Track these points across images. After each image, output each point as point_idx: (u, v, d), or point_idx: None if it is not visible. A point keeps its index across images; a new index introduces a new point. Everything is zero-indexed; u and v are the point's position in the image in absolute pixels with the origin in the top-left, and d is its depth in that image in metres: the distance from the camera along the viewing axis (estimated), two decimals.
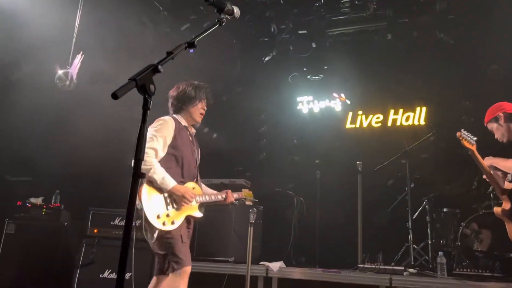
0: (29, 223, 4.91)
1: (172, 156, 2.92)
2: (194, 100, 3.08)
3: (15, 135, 5.33)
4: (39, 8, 4.91)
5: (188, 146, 3.03)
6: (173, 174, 2.85)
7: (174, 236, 2.79)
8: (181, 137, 2.98)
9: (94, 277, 4.42)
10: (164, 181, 2.77)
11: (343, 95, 6.25)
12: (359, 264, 4.42)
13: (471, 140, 3.33)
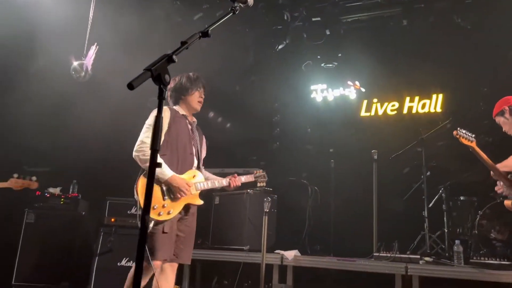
0: (48, 212, 5.02)
1: (168, 143, 3.00)
2: (190, 89, 3.19)
3: (32, 126, 5.41)
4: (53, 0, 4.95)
5: (185, 134, 3.11)
6: (168, 161, 2.94)
7: (160, 227, 2.86)
8: (176, 125, 3.07)
9: (112, 265, 4.50)
10: (162, 171, 2.84)
11: (357, 82, 6.18)
12: (374, 252, 4.41)
13: (469, 137, 3.34)
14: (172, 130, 3.03)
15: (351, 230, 5.19)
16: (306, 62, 6.38)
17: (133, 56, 5.17)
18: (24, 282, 4.78)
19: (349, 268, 4.23)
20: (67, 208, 5.09)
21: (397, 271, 3.98)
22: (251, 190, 4.86)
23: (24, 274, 4.77)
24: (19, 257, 4.79)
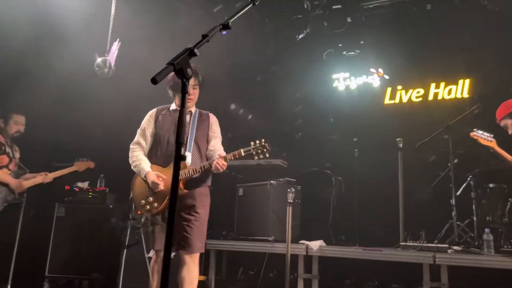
0: (77, 206, 5.16)
1: (155, 140, 3.27)
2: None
3: (58, 123, 5.55)
4: None
5: (169, 127, 3.25)
6: (150, 155, 3.25)
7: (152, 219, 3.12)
8: (160, 122, 3.29)
9: (140, 257, 4.60)
10: (139, 171, 3.17)
11: (381, 70, 6.06)
12: (401, 242, 4.37)
13: (488, 138, 3.23)
14: (157, 127, 3.28)
15: (376, 219, 5.14)
16: (327, 51, 6.29)
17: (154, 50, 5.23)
18: (57, 273, 4.94)
19: (375, 258, 4.19)
20: (95, 201, 5.23)
21: (425, 261, 3.93)
22: (274, 181, 4.87)
23: (56, 266, 4.93)
24: (51, 250, 4.96)
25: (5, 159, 4.23)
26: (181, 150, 1.55)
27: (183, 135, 1.56)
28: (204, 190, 3.26)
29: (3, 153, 4.24)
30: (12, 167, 4.28)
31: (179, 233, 3.06)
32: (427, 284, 3.93)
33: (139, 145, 3.30)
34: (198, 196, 3.17)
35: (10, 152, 4.30)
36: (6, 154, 4.25)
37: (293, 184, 4.93)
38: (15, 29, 4.83)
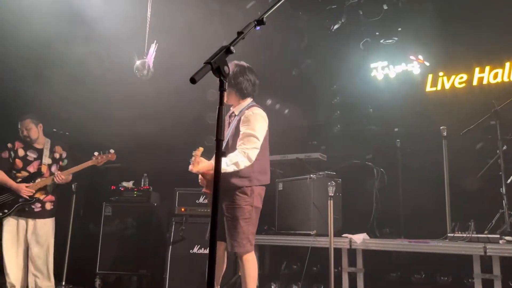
0: (123, 205, 5.35)
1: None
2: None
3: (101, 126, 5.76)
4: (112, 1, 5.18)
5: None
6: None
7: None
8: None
9: (185, 253, 4.72)
10: None
11: (421, 56, 5.85)
12: (449, 233, 4.22)
13: None
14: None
15: (422, 211, 4.99)
16: (364, 40, 6.14)
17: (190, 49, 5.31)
18: (107, 270, 5.15)
19: (422, 250, 4.08)
20: (140, 200, 5.40)
21: (475, 252, 3.79)
22: (314, 175, 4.83)
23: (106, 263, 5.13)
24: (101, 248, 5.17)
25: (20, 163, 4.41)
26: (221, 146, 1.57)
27: (222, 133, 1.58)
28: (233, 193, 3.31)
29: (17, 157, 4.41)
30: (32, 169, 4.43)
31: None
32: (479, 276, 3.78)
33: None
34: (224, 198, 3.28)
35: (31, 156, 4.44)
36: (20, 158, 4.42)
37: (333, 178, 4.88)
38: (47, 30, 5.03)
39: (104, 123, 5.73)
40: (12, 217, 4.26)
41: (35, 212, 4.32)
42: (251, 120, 3.21)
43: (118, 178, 5.57)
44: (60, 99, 5.37)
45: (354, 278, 4.35)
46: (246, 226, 3.19)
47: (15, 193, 4.24)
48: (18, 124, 4.47)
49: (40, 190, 4.35)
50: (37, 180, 4.35)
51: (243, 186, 3.23)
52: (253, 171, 3.23)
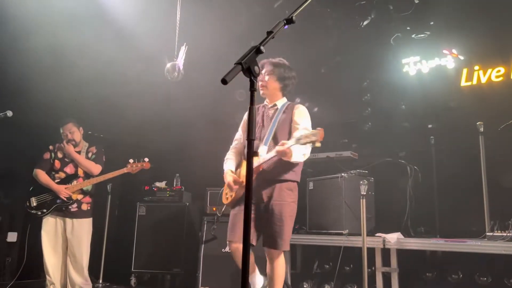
0: (156, 205, 5.46)
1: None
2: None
3: (135, 128, 5.90)
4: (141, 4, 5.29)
5: (256, 123, 3.29)
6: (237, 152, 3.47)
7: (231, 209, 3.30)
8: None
9: (217, 252, 4.76)
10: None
11: (454, 50, 5.67)
12: (487, 232, 4.08)
13: None
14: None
15: (458, 209, 4.85)
16: (395, 35, 6.01)
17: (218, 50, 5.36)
18: (142, 269, 5.27)
19: (459, 250, 3.97)
20: (173, 200, 5.49)
21: None
22: (345, 173, 4.78)
23: (141, 262, 5.25)
24: (135, 247, 5.29)
25: (58, 164, 4.54)
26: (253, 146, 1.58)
27: (253, 132, 1.59)
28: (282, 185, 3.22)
29: (56, 159, 4.55)
30: (69, 170, 4.56)
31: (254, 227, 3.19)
32: None
33: (236, 141, 3.55)
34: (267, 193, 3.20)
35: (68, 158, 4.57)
36: (59, 159, 4.55)
37: (365, 176, 4.81)
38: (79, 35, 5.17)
39: (137, 125, 5.87)
40: (51, 216, 4.42)
41: (72, 212, 4.46)
42: (307, 115, 3.32)
43: (151, 178, 5.69)
44: (93, 103, 5.53)
45: (388, 278, 4.27)
46: (291, 224, 3.17)
47: (54, 194, 4.40)
48: (60, 128, 4.62)
49: (77, 192, 4.49)
50: (73, 181, 4.50)
51: (295, 181, 3.25)
52: (299, 167, 3.27)
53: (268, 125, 3.28)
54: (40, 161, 4.55)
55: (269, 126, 3.25)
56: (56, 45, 5.07)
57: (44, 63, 5.02)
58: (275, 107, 3.38)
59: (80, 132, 4.69)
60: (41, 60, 5.00)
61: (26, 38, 4.89)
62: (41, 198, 4.42)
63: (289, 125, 3.26)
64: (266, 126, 3.28)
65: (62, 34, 5.06)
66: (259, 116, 3.37)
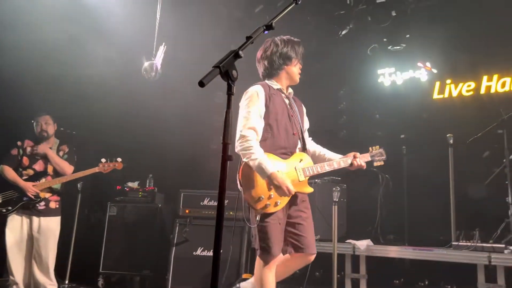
0: (128, 205, 5.37)
1: (267, 126, 2.65)
2: (292, 58, 2.80)
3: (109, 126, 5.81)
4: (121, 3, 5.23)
5: (282, 111, 2.72)
6: (270, 147, 2.62)
7: (269, 220, 2.58)
8: (273, 103, 2.68)
9: (188, 255, 4.72)
10: (259, 168, 2.50)
11: (428, 64, 5.85)
12: (453, 241, 4.20)
13: None
14: (269, 109, 2.66)
15: (426, 218, 4.97)
16: (372, 46, 6.14)
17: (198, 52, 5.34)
18: (110, 270, 5.17)
19: (426, 258, 4.07)
20: (145, 201, 5.41)
21: (480, 261, 3.77)
22: (319, 180, 4.83)
23: (109, 263, 5.15)
24: (104, 247, 5.19)
25: (26, 161, 4.43)
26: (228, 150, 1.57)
27: (229, 136, 1.58)
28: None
29: (24, 155, 4.43)
30: (38, 167, 4.45)
31: (297, 231, 2.68)
32: (483, 285, 3.76)
33: (255, 131, 2.59)
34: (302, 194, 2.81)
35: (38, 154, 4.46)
36: (27, 156, 4.44)
37: (338, 183, 4.87)
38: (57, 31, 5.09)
39: (111, 123, 5.78)
40: (17, 214, 4.29)
41: (40, 210, 4.34)
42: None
43: (124, 178, 5.60)
44: (66, 99, 5.41)
45: (357, 284, 4.34)
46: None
47: (21, 191, 4.27)
48: (34, 120, 4.49)
49: (46, 190, 4.37)
50: (42, 179, 4.38)
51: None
52: None
53: (296, 116, 2.83)
54: (6, 157, 4.41)
55: (297, 118, 2.83)
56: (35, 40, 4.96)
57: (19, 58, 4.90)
58: (291, 94, 2.93)
59: (54, 127, 4.58)
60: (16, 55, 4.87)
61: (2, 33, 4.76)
62: (6, 195, 4.28)
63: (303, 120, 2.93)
64: (295, 117, 2.82)
65: (41, 30, 4.95)
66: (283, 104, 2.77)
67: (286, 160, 2.68)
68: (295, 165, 2.69)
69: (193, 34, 5.43)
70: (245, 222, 2.68)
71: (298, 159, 2.73)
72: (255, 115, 2.60)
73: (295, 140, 2.76)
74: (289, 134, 2.72)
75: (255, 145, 2.54)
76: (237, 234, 4.72)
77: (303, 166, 2.71)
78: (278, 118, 2.68)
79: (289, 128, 2.73)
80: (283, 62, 2.78)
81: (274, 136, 2.66)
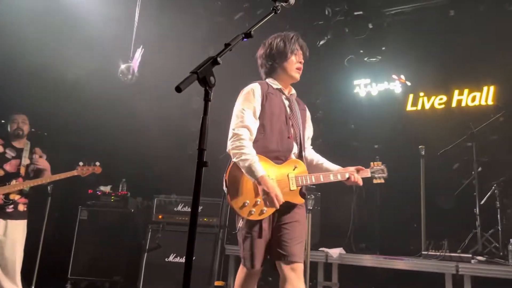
0: (99, 209, 5.26)
1: (260, 126, 2.48)
2: (285, 53, 2.61)
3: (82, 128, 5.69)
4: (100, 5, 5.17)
5: (279, 113, 2.53)
6: (261, 149, 2.43)
7: (252, 232, 2.41)
8: (269, 103, 2.51)
9: (160, 261, 4.66)
10: (249, 170, 2.32)
11: (403, 76, 6.00)
12: (423, 251, 4.29)
13: None
14: (266, 110, 2.49)
15: (398, 228, 5.07)
16: (348, 57, 6.26)
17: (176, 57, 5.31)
18: (79, 276, 5.04)
19: (396, 267, 4.14)
20: (117, 205, 5.32)
21: (447, 271, 3.86)
22: None
23: (79, 268, 5.02)
24: (74, 252, 5.06)
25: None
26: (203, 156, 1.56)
27: (205, 142, 1.57)
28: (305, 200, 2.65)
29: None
30: (9, 167, 4.32)
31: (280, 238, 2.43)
32: None
33: (249, 130, 2.43)
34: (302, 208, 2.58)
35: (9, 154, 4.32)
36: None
37: (312, 191, 4.91)
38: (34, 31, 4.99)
39: (85, 126, 5.66)
40: None
41: (7, 212, 4.19)
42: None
43: (96, 182, 5.48)
44: (40, 100, 5.28)
45: None
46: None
47: None
48: (10, 119, 4.33)
49: (15, 191, 4.24)
50: (12, 181, 4.24)
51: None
52: None
53: (297, 120, 2.61)
54: None
55: (297, 121, 2.60)
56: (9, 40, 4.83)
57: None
58: (294, 95, 2.73)
59: (29, 128, 4.46)
60: None
61: None
62: None
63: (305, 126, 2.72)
64: (297, 121, 2.61)
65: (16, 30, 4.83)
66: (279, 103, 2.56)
67: (279, 166, 2.46)
68: (288, 172, 2.47)
69: (172, 37, 5.41)
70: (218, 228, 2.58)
71: (292, 166, 2.50)
72: (249, 113, 2.45)
73: (289, 144, 2.52)
74: (284, 137, 2.50)
75: (247, 145, 2.37)
76: (211, 240, 4.69)
77: (297, 174, 2.48)
78: (273, 119, 2.50)
79: (284, 130, 2.51)
80: (278, 59, 2.61)
81: (266, 137, 2.47)
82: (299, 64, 2.67)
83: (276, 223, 2.46)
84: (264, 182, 2.29)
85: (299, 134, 2.58)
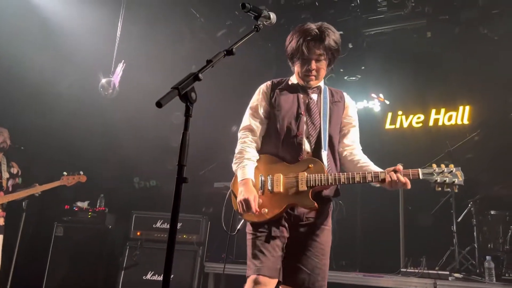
0: (76, 226, 5.13)
1: (269, 123, 2.35)
2: (292, 57, 2.39)
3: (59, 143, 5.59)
4: (82, 19, 5.15)
5: (290, 108, 2.31)
6: (267, 147, 2.32)
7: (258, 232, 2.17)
8: (280, 99, 2.35)
9: (137, 279, 4.56)
10: (238, 174, 2.23)
11: (381, 95, 6.13)
12: (402, 268, 4.32)
13: None
14: (275, 106, 2.34)
15: (377, 245, 5.10)
16: (328, 76, 6.36)
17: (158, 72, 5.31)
18: None
19: (375, 284, 4.15)
20: (94, 221, 5.20)
21: (426, 287, 3.89)
22: None
23: (53, 286, 4.87)
24: (48, 269, 4.91)
25: None
26: (183, 172, 1.55)
27: (185, 158, 1.56)
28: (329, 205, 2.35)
29: None
30: None
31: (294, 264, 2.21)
32: None
33: (249, 132, 2.34)
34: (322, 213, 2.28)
35: None
36: None
37: None
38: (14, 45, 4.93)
39: (62, 140, 5.56)
40: None
41: None
42: (355, 109, 2.56)
43: (73, 197, 5.36)
44: (17, 113, 5.18)
45: None
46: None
47: None
48: None
49: None
50: None
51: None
52: None
53: (316, 116, 2.32)
54: None
55: (319, 118, 2.32)
56: None
57: None
58: (317, 90, 2.44)
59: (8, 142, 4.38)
60: None
61: None
62: None
63: (340, 121, 2.43)
64: (314, 118, 2.32)
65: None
66: (292, 99, 2.35)
67: (289, 165, 2.23)
68: (298, 171, 2.20)
69: (154, 53, 5.41)
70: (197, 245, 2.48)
71: (306, 165, 2.20)
72: (252, 112, 2.36)
73: (297, 142, 2.25)
74: (291, 134, 2.26)
75: (243, 148, 2.29)
76: (190, 258, 4.63)
77: (310, 173, 2.18)
78: (281, 115, 2.29)
79: (293, 127, 2.27)
80: (290, 59, 2.43)
81: (271, 134, 2.31)
82: (308, 67, 2.34)
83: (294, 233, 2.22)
84: (242, 184, 2.18)
85: (317, 130, 2.29)
